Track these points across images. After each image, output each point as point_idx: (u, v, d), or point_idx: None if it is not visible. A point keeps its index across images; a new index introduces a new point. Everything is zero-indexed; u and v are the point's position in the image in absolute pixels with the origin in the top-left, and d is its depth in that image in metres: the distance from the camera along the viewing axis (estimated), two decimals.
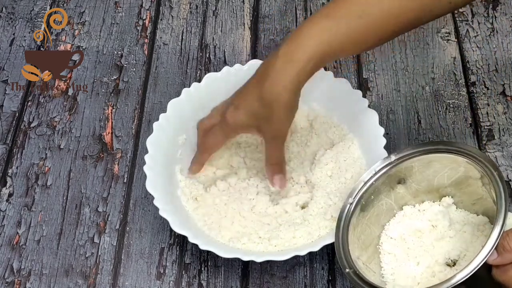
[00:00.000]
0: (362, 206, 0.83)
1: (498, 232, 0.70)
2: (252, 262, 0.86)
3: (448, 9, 0.83)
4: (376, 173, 0.84)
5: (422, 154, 0.82)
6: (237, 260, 0.85)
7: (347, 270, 0.77)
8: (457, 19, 1.13)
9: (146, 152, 0.90)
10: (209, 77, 0.96)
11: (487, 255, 0.70)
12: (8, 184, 0.97)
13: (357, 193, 0.83)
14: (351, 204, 0.83)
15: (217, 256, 0.83)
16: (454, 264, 0.81)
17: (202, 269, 0.89)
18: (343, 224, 0.82)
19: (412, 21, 0.82)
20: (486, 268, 0.71)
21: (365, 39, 0.82)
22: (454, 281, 0.70)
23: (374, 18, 0.80)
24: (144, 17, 1.17)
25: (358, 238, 0.82)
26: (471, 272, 0.69)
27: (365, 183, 0.83)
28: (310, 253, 0.83)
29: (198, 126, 0.92)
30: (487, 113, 1.02)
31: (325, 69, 0.97)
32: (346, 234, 0.81)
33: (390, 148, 0.96)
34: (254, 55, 1.11)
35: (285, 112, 0.83)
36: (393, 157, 0.84)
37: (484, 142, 0.99)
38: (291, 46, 0.80)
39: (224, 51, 1.12)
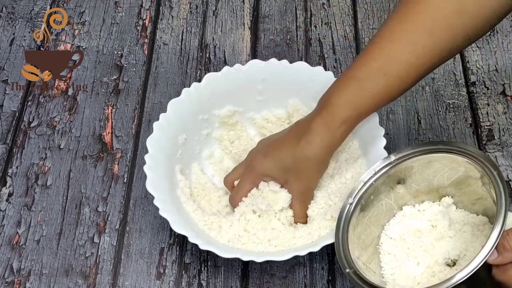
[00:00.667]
0: (362, 206, 0.83)
1: (498, 232, 0.70)
2: (252, 262, 0.86)
3: (464, 46, 0.84)
4: (376, 173, 0.84)
5: (422, 154, 0.82)
6: (237, 260, 0.85)
7: (347, 270, 0.77)
8: None
9: (146, 152, 0.90)
10: (209, 77, 0.96)
11: (487, 254, 0.70)
12: (8, 184, 0.97)
13: (357, 193, 0.83)
14: (351, 204, 0.83)
15: (217, 256, 0.83)
16: (454, 264, 0.81)
17: (202, 269, 0.89)
18: (343, 224, 0.82)
19: (431, 66, 0.83)
20: (486, 267, 0.71)
21: (389, 95, 0.84)
22: (454, 281, 0.70)
23: (396, 74, 0.82)
24: (144, 17, 1.17)
25: (358, 238, 0.82)
26: (471, 272, 0.69)
27: (365, 183, 0.83)
28: (310, 253, 0.83)
29: (224, 182, 0.93)
30: (487, 113, 1.02)
31: (325, 69, 0.97)
32: (346, 234, 0.81)
33: (390, 148, 0.96)
34: (254, 55, 1.11)
35: (315, 172, 0.87)
36: (393, 157, 0.84)
37: (484, 142, 0.99)
38: (324, 112, 0.84)
39: (224, 51, 1.12)
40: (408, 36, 0.81)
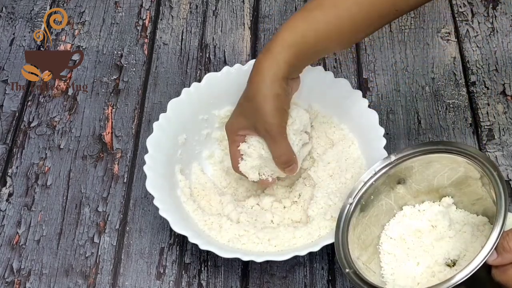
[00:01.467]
0: (362, 206, 0.83)
1: (498, 232, 0.70)
2: (252, 262, 0.86)
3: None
4: (376, 173, 0.84)
5: (422, 154, 0.82)
6: (237, 260, 0.85)
7: (347, 270, 0.77)
8: (457, 19, 1.13)
9: (146, 152, 0.90)
10: (209, 77, 0.96)
11: (487, 255, 0.70)
12: (8, 184, 0.97)
13: (357, 193, 0.83)
14: (351, 204, 0.83)
15: (217, 256, 0.83)
16: (454, 264, 0.81)
17: (202, 269, 0.89)
18: (343, 224, 0.82)
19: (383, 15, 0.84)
20: (486, 268, 0.71)
21: (339, 28, 0.83)
22: (454, 281, 0.70)
23: (346, 6, 0.82)
24: (144, 17, 1.17)
25: (358, 238, 0.82)
26: (471, 272, 0.69)
27: (365, 183, 0.83)
28: (310, 253, 0.83)
29: (228, 131, 0.91)
30: (487, 113, 1.02)
31: (325, 69, 0.97)
32: (346, 234, 0.81)
33: (390, 148, 0.96)
34: (254, 55, 1.11)
35: (270, 104, 0.82)
36: (393, 157, 0.83)
37: (484, 142, 0.99)
38: (272, 40, 0.82)
39: (224, 51, 1.12)
40: None
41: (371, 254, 0.83)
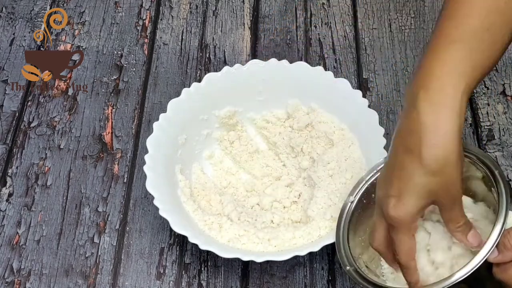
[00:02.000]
0: (363, 204, 0.83)
1: (499, 231, 0.70)
2: (252, 262, 0.86)
3: None
4: (377, 172, 0.83)
5: None
6: (237, 260, 0.85)
7: (348, 267, 0.77)
8: None
9: (146, 152, 0.90)
10: (209, 77, 0.96)
11: (488, 253, 0.70)
12: (8, 184, 0.97)
13: (358, 192, 0.83)
14: (352, 202, 0.83)
15: (217, 256, 0.83)
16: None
17: (202, 269, 0.89)
18: (343, 222, 0.81)
19: None
20: (487, 266, 0.71)
21: (495, 53, 0.70)
22: (454, 279, 0.70)
23: (499, 24, 0.69)
24: (144, 17, 1.17)
25: (359, 236, 0.82)
26: (471, 270, 0.69)
27: (366, 181, 0.83)
28: (310, 253, 0.83)
29: (375, 246, 0.76)
30: (487, 113, 1.02)
31: (325, 69, 0.97)
32: (347, 232, 0.81)
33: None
34: (254, 55, 1.11)
35: (457, 169, 0.68)
36: None
37: (484, 142, 0.99)
38: (430, 93, 0.67)
39: (224, 51, 1.12)
40: None
41: (372, 252, 0.83)
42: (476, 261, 0.70)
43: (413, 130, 0.67)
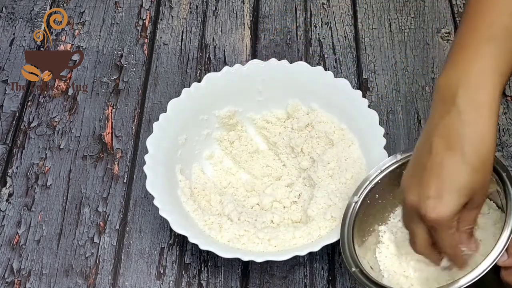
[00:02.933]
0: (367, 205, 0.83)
1: (508, 234, 0.69)
2: (252, 262, 0.86)
3: None
4: (381, 172, 0.83)
5: None
6: (237, 260, 0.85)
7: (353, 269, 0.76)
8: (457, 19, 1.13)
9: (146, 152, 0.90)
10: (209, 77, 0.96)
11: (497, 257, 0.69)
12: (8, 184, 0.97)
13: (362, 192, 0.83)
14: (356, 202, 0.82)
15: (217, 256, 0.83)
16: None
17: (202, 269, 0.89)
18: (348, 223, 0.81)
19: None
20: (495, 269, 0.70)
21: None
22: (463, 282, 0.69)
23: None
24: (144, 17, 1.17)
25: (363, 237, 0.82)
26: (481, 274, 0.68)
27: (371, 181, 0.83)
28: (310, 253, 0.83)
29: (415, 251, 0.75)
30: None
31: (325, 69, 0.97)
32: (351, 233, 0.80)
33: (390, 148, 0.96)
34: (254, 55, 1.11)
35: (492, 168, 0.70)
36: (399, 156, 0.83)
37: None
38: (469, 91, 0.67)
39: (224, 51, 1.12)
40: None
41: (376, 253, 0.83)
42: (486, 265, 0.69)
43: (453, 128, 0.67)
